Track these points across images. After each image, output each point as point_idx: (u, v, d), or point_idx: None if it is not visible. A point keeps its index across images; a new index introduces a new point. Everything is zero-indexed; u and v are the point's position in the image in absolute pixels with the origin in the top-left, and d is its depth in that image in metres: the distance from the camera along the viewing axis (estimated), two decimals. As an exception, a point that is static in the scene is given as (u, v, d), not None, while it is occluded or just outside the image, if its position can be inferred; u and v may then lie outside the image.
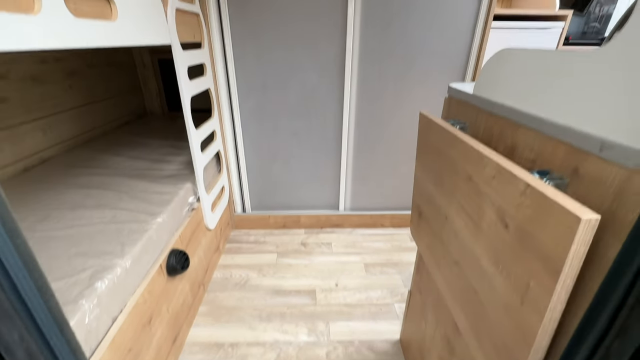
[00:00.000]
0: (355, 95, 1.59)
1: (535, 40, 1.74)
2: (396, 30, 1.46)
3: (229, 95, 1.56)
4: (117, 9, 0.76)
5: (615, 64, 0.36)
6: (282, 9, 1.41)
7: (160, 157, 1.51)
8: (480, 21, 1.46)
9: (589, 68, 0.39)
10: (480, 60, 1.52)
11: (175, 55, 1.09)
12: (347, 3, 1.40)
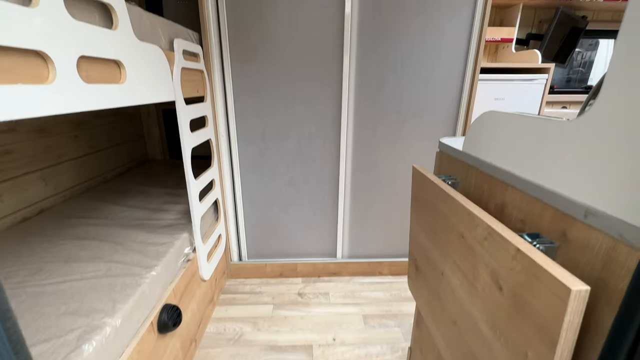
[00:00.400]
0: (352, 145, 1.64)
1: (522, 90, 1.85)
2: (389, 86, 1.56)
3: (229, 145, 1.62)
4: (126, 73, 0.82)
5: (588, 137, 0.39)
6: (281, 67, 1.51)
7: (159, 205, 1.51)
8: (468, 75, 1.56)
9: (567, 137, 0.42)
10: (470, 112, 1.60)
11: (179, 110, 1.15)
12: (343, 60, 1.50)
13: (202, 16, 1.41)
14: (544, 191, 0.44)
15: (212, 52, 1.46)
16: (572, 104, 2.49)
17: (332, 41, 1.49)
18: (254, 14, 1.43)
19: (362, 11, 1.45)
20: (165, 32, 1.11)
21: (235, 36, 1.46)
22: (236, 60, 1.50)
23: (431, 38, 1.51)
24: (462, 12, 1.48)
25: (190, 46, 1.27)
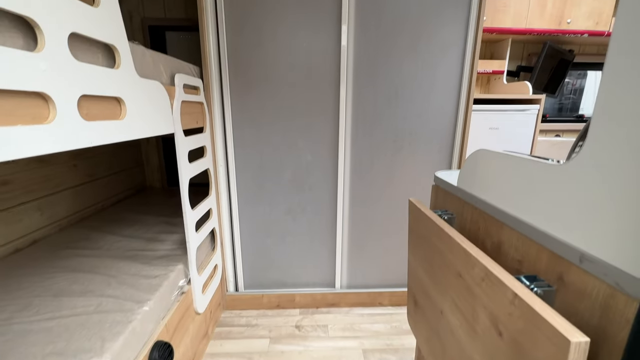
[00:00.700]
0: (349, 174, 1.65)
1: (515, 120, 1.89)
2: (386, 116, 1.59)
3: (227, 174, 1.62)
4: (126, 109, 0.84)
5: (579, 181, 0.39)
6: (279, 97, 1.55)
7: (155, 235, 1.50)
8: (461, 106, 1.60)
9: (558, 180, 0.42)
10: (465, 141, 1.63)
11: (178, 142, 1.16)
12: (339, 91, 1.55)
13: (203, 51, 1.47)
14: (539, 233, 0.44)
15: (212, 84, 1.50)
16: (565, 132, 2.54)
17: (329, 72, 1.54)
18: (253, 47, 1.49)
19: (357, 45, 1.51)
20: (166, 68, 1.15)
21: (235, 69, 1.51)
22: (235, 92, 1.54)
23: (424, 72, 1.56)
24: (452, 50, 1.55)
25: (191, 80, 1.31)
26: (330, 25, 1.49)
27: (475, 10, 1.50)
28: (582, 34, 2.07)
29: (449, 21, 1.52)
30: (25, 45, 0.58)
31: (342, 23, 1.47)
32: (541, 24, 2.04)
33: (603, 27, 2.07)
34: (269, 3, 1.45)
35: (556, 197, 0.42)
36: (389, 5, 1.48)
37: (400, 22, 1.50)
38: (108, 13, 0.76)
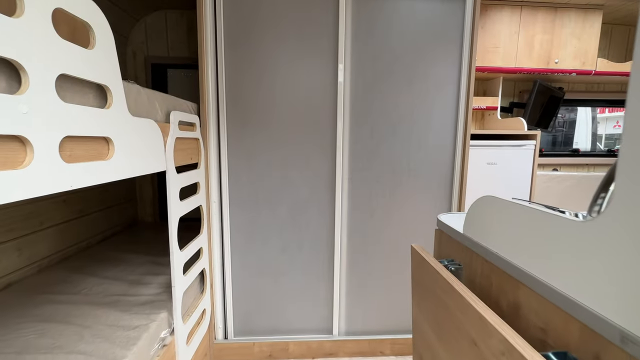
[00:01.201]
0: (347, 210, 1.60)
1: (513, 155, 1.88)
2: (383, 151, 1.58)
3: (220, 210, 1.57)
4: (114, 148, 0.80)
5: (612, 242, 0.34)
6: (276, 132, 1.53)
7: (139, 277, 1.41)
8: (459, 141, 1.59)
9: (585, 239, 0.38)
10: (464, 176, 1.60)
11: (169, 179, 1.12)
12: (336, 126, 1.54)
13: (201, 88, 1.47)
14: (565, 299, 0.38)
15: (209, 120, 1.49)
16: (562, 166, 2.54)
17: (326, 108, 1.54)
18: (251, 84, 1.50)
19: (353, 82, 1.53)
20: (162, 106, 1.13)
21: (232, 105, 1.51)
22: (232, 127, 1.52)
23: (421, 108, 1.57)
24: (447, 88, 1.57)
25: (187, 117, 1.29)
26: (327, 63, 1.51)
27: (467, 50, 1.54)
28: (570, 73, 2.14)
29: (443, 60, 1.55)
30: (7, 87, 0.55)
31: (338, 62, 1.50)
32: (530, 64, 2.11)
33: (589, 67, 2.14)
34: (268, 42, 1.48)
35: (585, 260, 0.37)
36: (384, 45, 1.52)
37: (396, 61, 1.53)
38: (103, 54, 0.75)
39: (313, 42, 1.49)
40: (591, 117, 2.89)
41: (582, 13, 2.08)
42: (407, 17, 1.51)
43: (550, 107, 2.36)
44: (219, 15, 1.45)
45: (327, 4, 1.47)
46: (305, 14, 1.48)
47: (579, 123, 2.85)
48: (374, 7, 1.49)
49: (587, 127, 2.88)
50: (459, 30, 1.53)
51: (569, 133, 2.79)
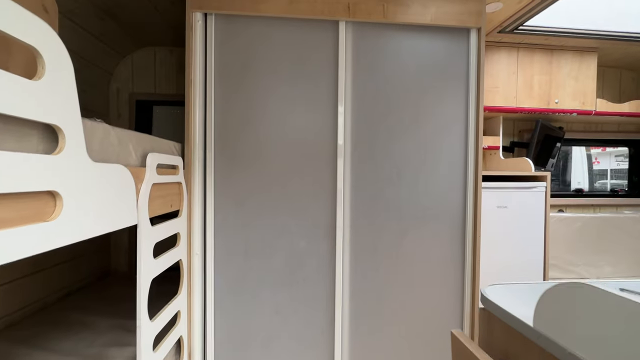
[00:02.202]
0: (349, 261, 1.41)
1: (523, 198, 1.76)
2: (387, 196, 1.43)
3: (203, 265, 1.36)
4: (62, 205, 0.62)
5: None
6: (269, 175, 1.38)
7: (100, 350, 1.15)
8: (469, 184, 1.46)
9: None
10: (477, 224, 1.45)
11: (141, 234, 0.93)
12: (337, 169, 1.39)
13: (187, 126, 1.33)
14: None
15: (194, 162, 1.33)
16: (567, 207, 2.44)
17: (325, 151, 1.40)
18: (243, 123, 1.37)
19: (354, 123, 1.41)
20: (138, 147, 0.97)
21: (222, 145, 1.36)
22: (221, 170, 1.36)
23: (427, 150, 1.45)
24: (454, 128, 1.47)
25: (169, 159, 1.13)
26: (326, 103, 1.40)
27: (473, 88, 1.46)
28: (571, 113, 2.10)
29: (448, 99, 1.46)
30: None
31: (338, 102, 1.39)
32: (531, 104, 2.07)
33: (589, 107, 2.12)
34: (263, 81, 1.37)
35: None
36: (386, 85, 1.43)
37: (399, 101, 1.44)
38: (55, 87, 0.60)
39: (311, 81, 1.39)
40: (586, 155, 2.86)
41: (578, 55, 2.09)
42: (409, 55, 1.44)
43: (549, 147, 2.30)
44: (210, 52, 1.35)
45: (326, 43, 1.40)
46: (303, 53, 1.39)
47: (574, 161, 2.81)
48: (374, 46, 1.42)
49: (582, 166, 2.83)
50: (463, 69, 1.47)
51: (564, 172, 2.73)
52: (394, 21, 1.40)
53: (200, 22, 1.35)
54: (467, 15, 1.44)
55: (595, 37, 1.94)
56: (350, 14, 1.37)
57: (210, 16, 1.36)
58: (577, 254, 2.24)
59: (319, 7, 1.36)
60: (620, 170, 2.78)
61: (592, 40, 2.00)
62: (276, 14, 1.35)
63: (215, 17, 1.36)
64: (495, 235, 1.73)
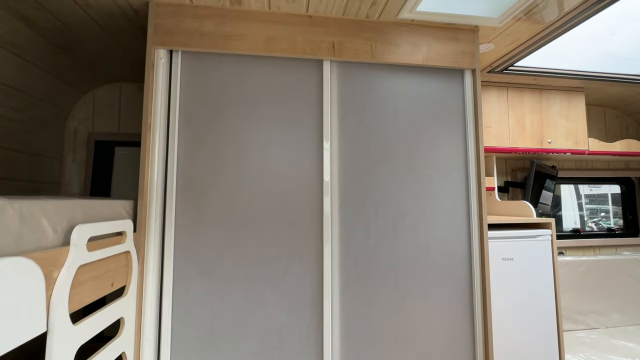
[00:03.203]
0: (339, 336, 1.17)
1: (528, 247, 1.59)
2: (383, 253, 1.22)
3: (157, 353, 1.07)
4: None
5: None
6: (243, 237, 1.15)
7: None
8: (474, 233, 1.28)
9: None
10: (486, 282, 1.25)
11: (52, 343, 0.67)
12: (323, 228, 1.19)
13: (142, 176, 1.10)
14: None
15: (149, 222, 1.09)
16: (567, 249, 2.30)
17: (309, 204, 1.20)
18: (213, 170, 1.16)
19: (342, 171, 1.23)
20: (60, 220, 0.73)
21: (185, 198, 1.13)
22: (184, 229, 1.13)
23: (426, 198, 1.28)
24: (453, 174, 1.31)
25: (110, 226, 0.89)
26: (310, 148, 1.22)
27: (471, 130, 1.33)
28: (565, 152, 2.02)
29: (446, 142, 1.32)
30: None
31: (324, 151, 1.21)
32: (524, 144, 1.98)
33: (582, 147, 2.05)
34: (236, 121, 1.19)
35: None
36: (377, 128, 1.27)
37: (392, 146, 1.28)
38: None
39: (292, 126, 1.22)
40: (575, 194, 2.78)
41: (566, 94, 2.05)
42: (401, 97, 1.30)
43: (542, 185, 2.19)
44: (175, 92, 1.17)
45: (309, 83, 1.24)
46: (282, 94, 1.23)
47: (563, 201, 2.72)
48: (363, 87, 1.28)
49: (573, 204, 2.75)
50: (459, 110, 1.34)
51: (556, 210, 2.64)
52: (382, 61, 1.27)
53: (164, 60, 1.17)
54: (460, 56, 1.33)
55: (581, 78, 1.91)
56: (335, 53, 1.23)
57: (176, 53, 1.19)
58: (584, 302, 2.07)
59: (300, 46, 1.22)
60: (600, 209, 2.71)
61: (578, 81, 1.96)
62: (252, 52, 1.19)
63: (183, 54, 1.19)
64: (502, 290, 1.53)
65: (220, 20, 1.19)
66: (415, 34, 1.31)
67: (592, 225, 2.63)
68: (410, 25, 1.31)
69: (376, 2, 1.18)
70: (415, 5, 1.18)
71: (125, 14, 1.24)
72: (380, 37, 1.28)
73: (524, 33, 1.40)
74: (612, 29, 1.47)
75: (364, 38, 1.27)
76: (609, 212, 2.68)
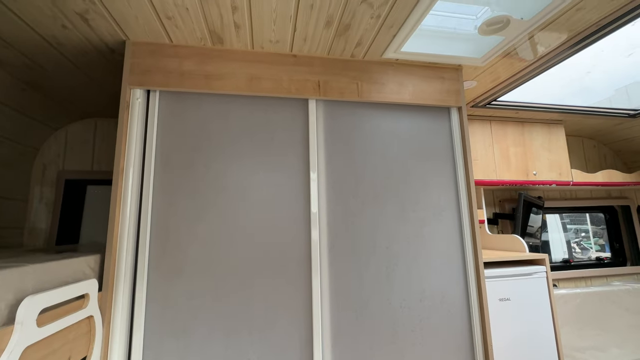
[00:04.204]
0: (332, 403, 1.05)
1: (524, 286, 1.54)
2: (375, 303, 1.14)
3: None
4: None
5: None
6: (223, 289, 1.05)
7: None
8: (471, 277, 1.22)
9: None
10: (486, 327, 1.18)
11: None
12: (312, 279, 1.10)
13: (111, 226, 1.00)
14: None
15: (118, 279, 0.98)
16: (560, 281, 2.27)
17: (296, 249, 1.12)
18: (192, 217, 1.07)
19: (331, 214, 1.17)
20: (4, 294, 0.62)
21: (160, 250, 1.03)
22: (156, 286, 1.01)
23: (419, 242, 1.22)
24: (445, 214, 1.27)
25: (69, 291, 0.78)
26: (296, 194, 1.15)
27: (461, 167, 1.30)
28: (550, 184, 2.04)
29: (435, 181, 1.28)
30: None
31: (311, 196, 1.15)
32: (510, 176, 1.98)
33: (566, 178, 2.07)
34: (218, 163, 1.12)
35: None
36: (366, 168, 1.23)
37: (382, 186, 1.23)
38: None
39: (277, 168, 1.16)
40: (561, 223, 2.80)
41: (547, 127, 2.09)
42: (389, 135, 1.27)
43: (528, 215, 2.19)
44: (151, 133, 1.10)
45: (294, 122, 1.20)
46: (266, 133, 1.18)
47: (550, 230, 2.72)
48: (350, 124, 1.25)
49: (559, 233, 2.75)
50: (448, 148, 1.32)
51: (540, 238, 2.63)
52: (369, 100, 1.25)
53: (141, 100, 1.11)
54: (445, 94, 1.33)
55: (560, 111, 1.96)
56: (320, 92, 1.20)
57: (154, 93, 1.13)
58: (582, 337, 2.01)
59: (285, 86, 1.18)
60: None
61: (557, 114, 2.02)
62: (235, 92, 1.15)
63: (161, 94, 1.13)
64: (501, 331, 1.45)
65: (201, 60, 1.15)
66: (400, 73, 1.30)
67: (574, 246, 2.62)
68: (395, 65, 1.30)
69: (361, 43, 1.17)
70: (400, 45, 1.18)
71: (100, 53, 1.18)
72: (365, 76, 1.27)
73: (504, 72, 1.43)
74: (588, 67, 1.52)
75: (350, 77, 1.25)
76: (589, 232, 2.70)
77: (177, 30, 1.06)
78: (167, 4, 0.94)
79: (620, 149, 2.51)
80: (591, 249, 2.65)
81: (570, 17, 1.05)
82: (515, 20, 1.06)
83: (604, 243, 2.61)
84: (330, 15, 1.01)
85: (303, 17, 1.02)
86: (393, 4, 0.96)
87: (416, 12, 0.99)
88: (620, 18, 1.06)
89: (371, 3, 0.96)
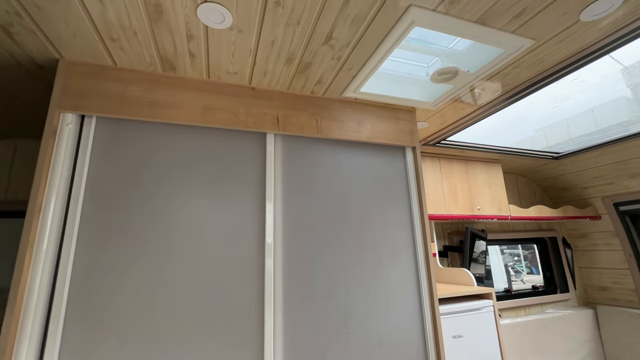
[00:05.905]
0: None
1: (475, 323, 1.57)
2: (334, 354, 1.06)
3: None
4: None
5: None
6: (157, 352, 0.90)
7: None
8: (427, 321, 1.20)
9: None
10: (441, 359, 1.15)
11: None
12: (264, 336, 1.00)
13: (15, 284, 0.82)
14: None
15: (19, 351, 0.79)
16: (503, 311, 2.38)
17: (247, 304, 1.01)
18: (123, 264, 0.92)
19: (287, 263, 1.09)
20: None
21: (80, 304, 0.86)
22: (75, 347, 0.84)
23: (377, 284, 1.19)
24: (402, 254, 1.27)
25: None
26: (249, 233, 1.07)
27: (416, 207, 1.32)
28: (492, 218, 2.18)
29: (392, 221, 1.28)
30: None
31: (266, 235, 1.08)
32: (458, 210, 2.09)
33: (505, 213, 2.25)
34: (160, 200, 1.00)
35: None
36: (324, 205, 1.19)
37: (339, 225, 1.20)
38: None
39: (231, 200, 1.07)
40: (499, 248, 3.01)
41: (487, 165, 2.28)
42: (348, 173, 1.27)
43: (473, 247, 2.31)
44: (82, 163, 0.95)
45: (251, 152, 1.14)
46: (220, 166, 1.09)
47: (490, 252, 2.91)
48: (310, 160, 1.22)
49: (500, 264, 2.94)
50: (403, 187, 1.34)
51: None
52: (329, 137, 1.24)
53: (72, 126, 0.97)
54: (400, 134, 1.38)
55: (497, 152, 2.16)
56: (280, 127, 1.17)
57: (89, 118, 1.00)
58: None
59: (241, 118, 1.12)
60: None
61: (495, 154, 2.21)
62: (186, 122, 1.06)
63: (98, 120, 1.01)
64: (455, 373, 1.45)
65: (149, 86, 1.05)
66: (359, 112, 1.32)
67: (510, 270, 2.81)
68: (354, 104, 1.33)
69: (321, 81, 1.17)
70: (359, 86, 1.20)
71: (25, 69, 1.03)
72: (325, 113, 1.26)
73: (451, 116, 1.53)
74: (521, 115, 1.70)
75: (310, 113, 1.24)
76: (520, 256, 2.94)
77: (122, 52, 0.97)
78: (112, 26, 0.86)
79: (546, 186, 2.81)
80: (523, 271, 2.87)
81: (508, 73, 1.17)
82: (462, 72, 1.15)
83: (531, 266, 2.86)
84: (291, 53, 1.00)
85: (263, 52, 0.99)
86: (353, 47, 0.98)
87: (375, 57, 1.02)
88: (547, 77, 1.20)
89: (332, 45, 0.97)
